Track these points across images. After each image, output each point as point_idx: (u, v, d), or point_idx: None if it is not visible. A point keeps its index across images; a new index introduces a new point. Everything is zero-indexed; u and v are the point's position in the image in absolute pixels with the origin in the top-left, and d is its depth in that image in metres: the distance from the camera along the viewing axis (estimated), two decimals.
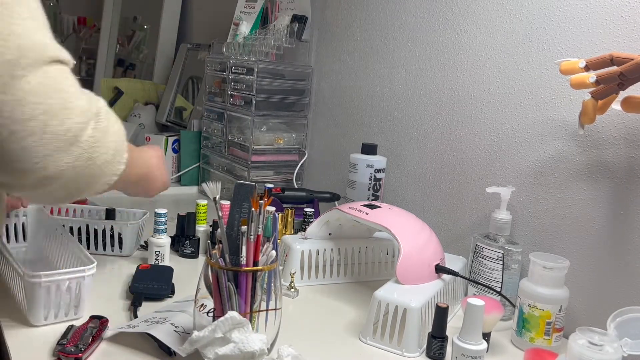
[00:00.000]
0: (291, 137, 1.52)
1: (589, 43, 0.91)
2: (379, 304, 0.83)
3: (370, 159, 1.17)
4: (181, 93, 2.03)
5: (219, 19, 1.99)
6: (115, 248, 1.08)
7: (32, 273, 0.76)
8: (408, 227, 0.94)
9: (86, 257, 0.85)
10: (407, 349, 0.82)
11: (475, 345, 0.74)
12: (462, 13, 1.11)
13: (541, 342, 0.85)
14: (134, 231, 1.08)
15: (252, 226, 0.71)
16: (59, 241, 0.97)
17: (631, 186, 0.86)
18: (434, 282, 0.90)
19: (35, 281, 0.76)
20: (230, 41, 1.60)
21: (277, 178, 1.52)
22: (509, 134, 1.03)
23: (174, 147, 1.68)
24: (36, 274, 0.76)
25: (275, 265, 0.74)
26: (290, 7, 1.53)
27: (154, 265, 1.02)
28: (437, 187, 1.18)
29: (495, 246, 0.96)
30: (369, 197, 1.18)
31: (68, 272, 0.79)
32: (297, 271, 1.02)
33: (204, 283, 0.74)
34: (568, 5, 0.93)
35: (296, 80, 1.52)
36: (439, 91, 1.17)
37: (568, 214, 0.94)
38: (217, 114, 1.59)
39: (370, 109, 1.35)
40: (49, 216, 1.04)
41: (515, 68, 1.02)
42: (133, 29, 2.47)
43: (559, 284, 0.85)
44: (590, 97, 0.79)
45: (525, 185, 1.00)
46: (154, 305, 0.90)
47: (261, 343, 0.68)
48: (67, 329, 0.77)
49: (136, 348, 0.77)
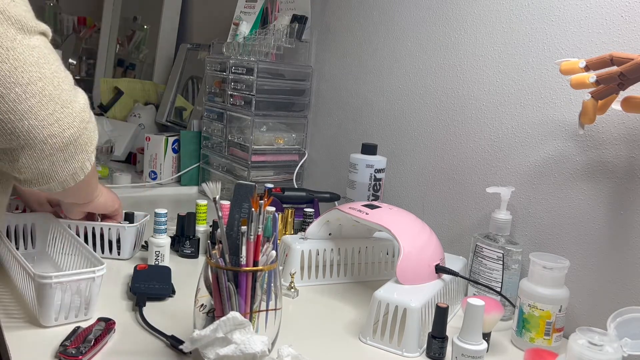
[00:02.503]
0: (291, 137, 1.52)
1: (589, 43, 0.91)
2: (379, 304, 0.83)
3: (370, 159, 1.17)
4: (181, 93, 2.03)
5: (219, 19, 1.99)
6: (114, 251, 1.07)
7: (43, 274, 0.77)
8: (408, 227, 0.94)
9: (95, 258, 0.86)
10: (407, 349, 0.82)
11: (475, 345, 0.74)
12: (462, 13, 1.12)
13: (541, 342, 0.85)
14: (133, 234, 1.07)
15: (252, 226, 0.71)
16: (66, 243, 0.97)
17: (631, 186, 0.86)
18: (434, 282, 0.90)
19: (46, 282, 0.77)
20: (230, 41, 1.60)
21: (277, 178, 1.52)
22: (509, 134, 1.03)
23: (174, 147, 1.68)
24: (47, 274, 0.77)
25: (275, 265, 0.74)
26: (290, 7, 1.53)
27: (152, 266, 1.02)
28: (437, 187, 1.18)
29: (495, 246, 0.96)
30: (369, 197, 1.18)
31: (78, 273, 0.80)
32: (297, 271, 1.02)
33: (204, 283, 0.74)
34: (568, 5, 0.93)
35: (296, 80, 1.52)
36: (439, 91, 1.17)
37: (568, 214, 0.94)
38: (217, 114, 1.59)
39: (370, 109, 1.35)
40: (55, 219, 1.03)
41: (515, 68, 1.02)
42: (133, 29, 2.47)
43: (559, 284, 0.85)
44: (590, 97, 0.79)
45: (525, 185, 1.00)
46: (157, 305, 0.90)
47: (262, 344, 0.68)
48: (73, 330, 0.77)
49: (140, 352, 0.77)
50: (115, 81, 2.26)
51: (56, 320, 0.80)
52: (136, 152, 1.86)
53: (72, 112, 0.70)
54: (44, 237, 1.05)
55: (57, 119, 0.68)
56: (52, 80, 0.68)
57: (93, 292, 0.82)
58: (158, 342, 0.79)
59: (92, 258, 0.87)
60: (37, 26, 0.69)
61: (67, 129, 0.69)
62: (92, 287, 0.81)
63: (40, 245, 1.05)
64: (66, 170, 0.72)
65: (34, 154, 0.69)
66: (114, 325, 0.79)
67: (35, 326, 0.80)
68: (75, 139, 0.71)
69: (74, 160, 0.72)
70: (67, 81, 0.71)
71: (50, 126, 0.68)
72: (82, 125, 0.71)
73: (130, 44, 2.48)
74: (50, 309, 0.78)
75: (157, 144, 1.66)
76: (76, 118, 0.70)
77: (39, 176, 0.71)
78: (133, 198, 1.55)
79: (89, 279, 0.80)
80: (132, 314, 0.87)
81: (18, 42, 0.66)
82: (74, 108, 0.70)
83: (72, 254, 0.95)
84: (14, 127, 0.66)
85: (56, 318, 0.79)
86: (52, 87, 0.68)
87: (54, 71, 0.69)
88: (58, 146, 0.69)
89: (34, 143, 0.68)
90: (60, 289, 0.78)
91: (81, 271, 0.80)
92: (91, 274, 0.80)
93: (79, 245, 0.93)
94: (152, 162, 1.67)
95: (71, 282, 0.79)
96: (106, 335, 0.77)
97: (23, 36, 0.66)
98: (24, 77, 0.66)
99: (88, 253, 0.89)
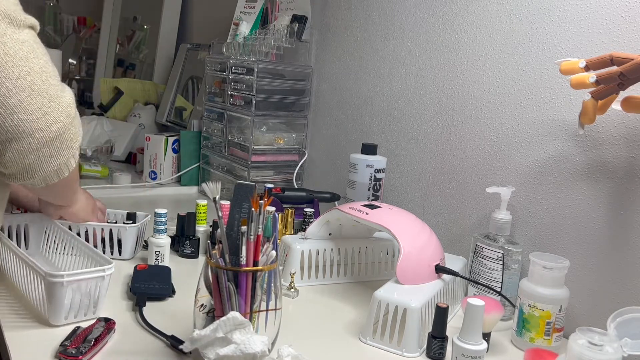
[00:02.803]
0: (291, 137, 1.52)
1: (589, 43, 0.91)
2: (379, 304, 0.83)
3: (370, 159, 1.17)
4: (181, 93, 2.03)
5: (219, 19, 1.99)
6: (115, 251, 1.06)
7: (54, 273, 0.77)
8: (408, 227, 0.94)
9: (102, 257, 0.86)
10: (407, 349, 0.82)
11: (475, 345, 0.74)
12: (462, 13, 1.12)
13: (541, 342, 0.85)
14: (134, 234, 1.07)
15: (252, 226, 0.71)
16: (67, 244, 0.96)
17: (631, 186, 0.86)
18: (434, 282, 0.90)
19: (57, 281, 0.77)
20: (230, 41, 1.60)
21: (277, 178, 1.52)
22: (509, 134, 1.03)
23: (174, 147, 1.68)
24: (58, 273, 0.77)
25: (275, 265, 0.74)
26: (290, 7, 1.53)
27: (152, 266, 1.02)
28: (437, 187, 1.18)
29: (495, 246, 0.96)
30: (369, 197, 1.18)
31: (88, 271, 0.80)
32: (297, 271, 1.02)
33: (204, 283, 0.74)
34: (568, 5, 0.93)
35: (296, 80, 1.52)
36: (439, 91, 1.17)
37: (568, 214, 0.94)
38: (217, 114, 1.59)
39: (370, 109, 1.35)
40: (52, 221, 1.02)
41: (515, 68, 1.02)
42: (133, 29, 2.47)
43: (559, 284, 0.85)
44: (590, 97, 0.79)
45: (525, 185, 1.00)
46: (157, 305, 0.90)
47: (263, 345, 0.68)
48: (73, 330, 0.77)
49: (140, 352, 0.77)
50: (115, 81, 2.26)
51: (66, 319, 0.80)
52: (136, 152, 1.86)
53: (59, 107, 0.71)
54: (37, 237, 1.04)
55: (44, 112, 0.69)
56: (40, 75, 0.69)
57: (102, 291, 0.82)
58: (158, 342, 0.79)
59: (98, 257, 0.87)
60: (26, 20, 0.69)
61: (53, 123, 0.70)
62: (101, 286, 0.82)
63: (33, 246, 1.04)
64: (51, 165, 0.73)
65: (21, 148, 0.69)
66: (114, 325, 0.79)
67: (36, 326, 0.80)
68: (61, 134, 0.71)
69: (59, 155, 0.73)
70: (54, 75, 0.72)
71: (38, 120, 0.68)
72: (68, 121, 0.72)
73: (130, 44, 2.48)
74: (60, 308, 0.79)
75: (157, 144, 1.66)
76: (62, 112, 0.71)
77: (24, 170, 0.72)
78: (133, 198, 1.55)
79: (98, 277, 0.81)
80: (132, 314, 0.87)
81: (8, 37, 0.66)
82: (61, 102, 0.71)
83: (74, 254, 0.94)
84: (4, 121, 0.67)
85: (66, 317, 0.80)
86: (41, 81, 0.69)
87: (42, 65, 0.70)
88: (45, 140, 0.70)
89: (22, 136, 0.68)
90: (71, 288, 0.78)
91: (91, 270, 0.81)
92: (101, 272, 0.81)
93: (82, 246, 0.93)
94: (152, 162, 1.67)
95: (81, 280, 0.79)
96: (106, 335, 0.77)
97: (13, 30, 0.67)
98: (14, 72, 0.66)
99: (93, 253, 0.89)
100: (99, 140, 1.82)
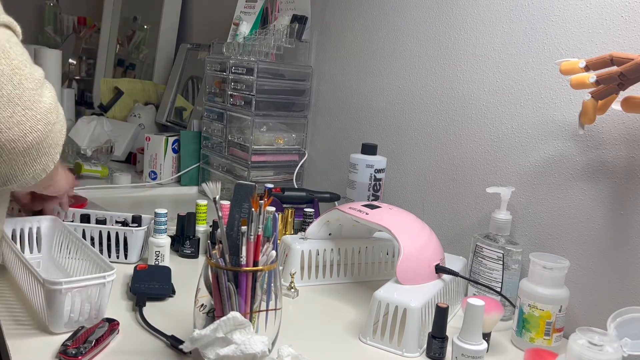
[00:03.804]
0: (291, 137, 1.52)
1: (589, 43, 0.91)
2: (379, 304, 0.83)
3: (370, 159, 1.17)
4: (181, 93, 2.03)
5: (219, 19, 1.99)
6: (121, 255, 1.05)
7: (52, 280, 0.75)
8: (408, 227, 0.94)
9: (104, 262, 0.83)
10: (407, 349, 0.82)
11: (475, 345, 0.74)
12: (462, 13, 1.12)
13: (541, 342, 0.85)
14: (141, 237, 1.05)
15: (252, 226, 0.71)
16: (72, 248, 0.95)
17: (631, 186, 0.86)
18: (434, 282, 0.90)
19: (56, 288, 0.74)
20: (230, 41, 1.60)
21: (277, 178, 1.52)
22: (509, 134, 1.03)
23: (174, 147, 1.68)
24: (57, 280, 0.75)
25: (275, 266, 0.74)
26: (290, 7, 1.53)
27: (152, 266, 1.02)
28: (437, 187, 1.18)
29: (495, 246, 0.96)
30: (369, 197, 1.18)
31: (88, 278, 0.77)
32: (297, 271, 1.02)
33: (204, 283, 0.74)
34: (568, 5, 0.93)
35: (296, 81, 1.52)
36: (439, 91, 1.17)
37: (568, 214, 0.94)
38: (217, 114, 1.59)
39: (370, 109, 1.35)
40: (62, 223, 1.01)
41: (515, 68, 1.02)
42: (133, 29, 2.47)
43: (559, 284, 0.85)
44: (590, 97, 0.79)
45: (525, 185, 1.00)
46: (157, 305, 0.90)
47: (263, 345, 0.68)
48: (77, 329, 0.76)
49: (140, 352, 0.77)
50: (115, 81, 2.26)
51: (66, 326, 0.77)
52: (136, 152, 1.86)
53: (35, 115, 0.63)
54: (49, 241, 1.02)
55: (17, 122, 0.62)
56: (11, 78, 0.61)
57: (103, 297, 0.80)
58: (158, 342, 0.79)
59: (101, 262, 0.84)
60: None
61: (29, 132, 0.63)
62: (102, 293, 0.79)
63: (46, 249, 1.02)
64: (26, 173, 0.67)
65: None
66: (117, 326, 0.79)
67: (37, 326, 0.80)
68: (39, 143, 0.65)
69: (35, 163, 0.67)
70: (30, 79, 0.64)
71: (8, 130, 0.61)
72: (47, 128, 0.65)
73: (130, 44, 2.48)
74: (60, 316, 0.76)
75: (157, 144, 1.66)
76: (40, 121, 0.64)
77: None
78: (133, 198, 1.55)
79: (99, 284, 0.78)
80: (132, 314, 0.87)
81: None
82: (39, 109, 0.64)
83: (80, 258, 0.92)
84: None
85: (66, 324, 0.77)
86: (12, 86, 0.61)
87: (15, 67, 0.62)
88: (18, 150, 0.63)
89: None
90: (71, 295, 0.76)
91: (91, 277, 0.78)
92: (101, 279, 0.78)
93: (87, 250, 0.90)
94: (152, 162, 1.67)
95: (81, 287, 0.77)
96: (109, 336, 0.76)
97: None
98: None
99: (97, 257, 0.87)
100: (99, 140, 1.82)
